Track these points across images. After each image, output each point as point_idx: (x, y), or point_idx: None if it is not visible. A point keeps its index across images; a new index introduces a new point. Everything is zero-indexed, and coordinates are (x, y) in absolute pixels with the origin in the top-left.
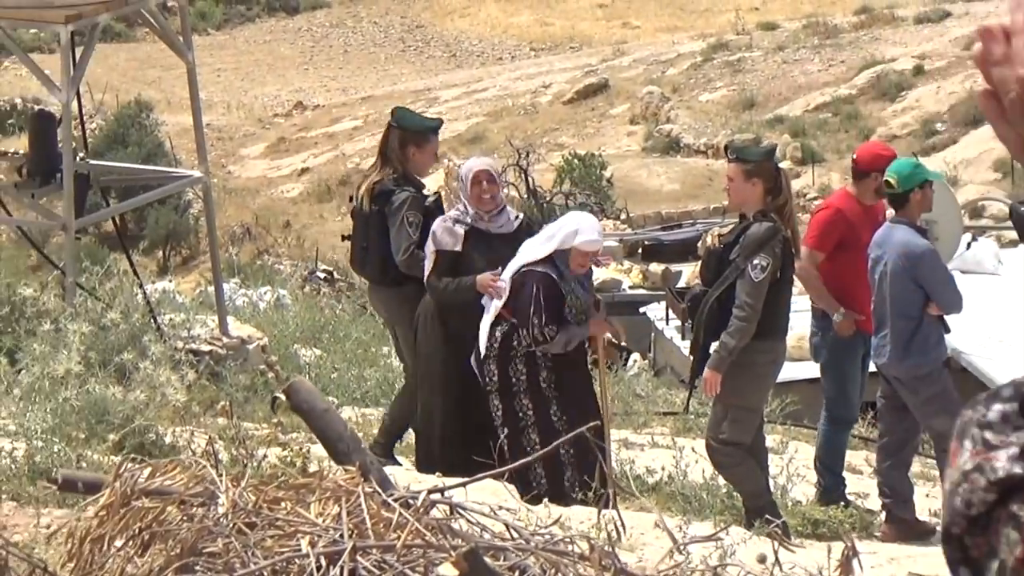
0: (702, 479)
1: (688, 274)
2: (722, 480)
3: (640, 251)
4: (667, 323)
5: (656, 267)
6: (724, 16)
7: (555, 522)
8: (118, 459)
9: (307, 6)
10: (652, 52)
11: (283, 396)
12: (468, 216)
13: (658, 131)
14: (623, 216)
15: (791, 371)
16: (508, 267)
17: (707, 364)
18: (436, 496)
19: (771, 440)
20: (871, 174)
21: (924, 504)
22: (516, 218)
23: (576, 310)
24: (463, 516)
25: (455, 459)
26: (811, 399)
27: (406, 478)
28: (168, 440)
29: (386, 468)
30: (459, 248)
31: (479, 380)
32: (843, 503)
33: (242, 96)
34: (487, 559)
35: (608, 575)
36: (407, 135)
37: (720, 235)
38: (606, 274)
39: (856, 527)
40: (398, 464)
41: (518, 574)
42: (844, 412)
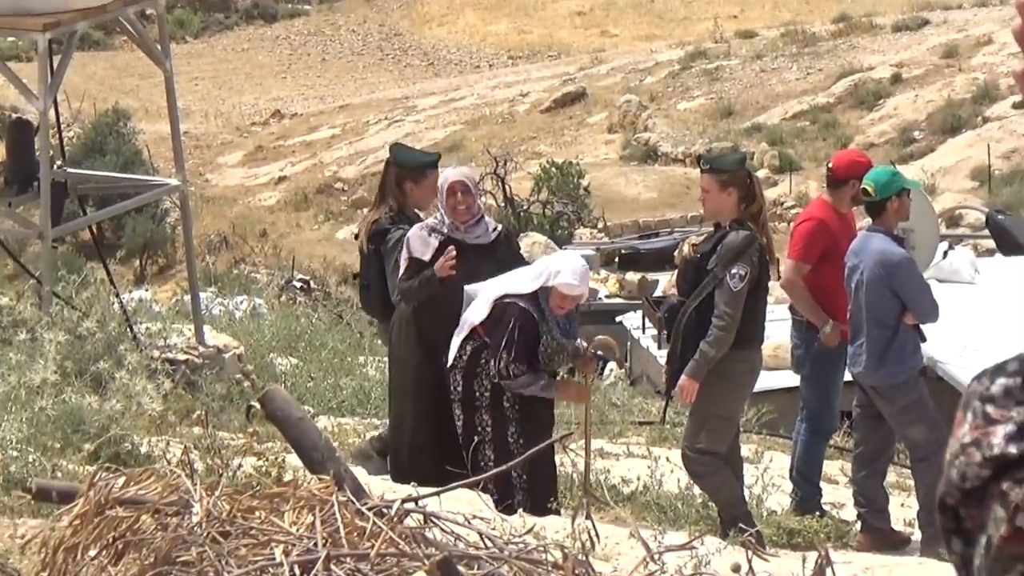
0: (677, 489)
1: (665, 283)
2: (697, 490)
3: (617, 260)
4: (643, 332)
5: (633, 276)
6: (702, 24)
7: (529, 531)
8: (94, 469)
9: (285, 14)
10: (630, 60)
11: (258, 405)
12: (444, 226)
13: (636, 139)
14: (600, 225)
15: (767, 380)
16: (491, 286)
17: (685, 372)
18: (410, 505)
19: (747, 450)
20: (848, 182)
21: (899, 514)
22: (494, 229)
23: (550, 350)
24: (437, 525)
25: (425, 469)
26: (787, 408)
27: (381, 487)
28: (144, 450)
29: (364, 476)
30: (427, 257)
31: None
32: (818, 513)
33: (220, 104)
34: (461, 568)
35: None
36: (403, 171)
37: (695, 244)
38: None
39: (831, 537)
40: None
41: None
42: (826, 423)
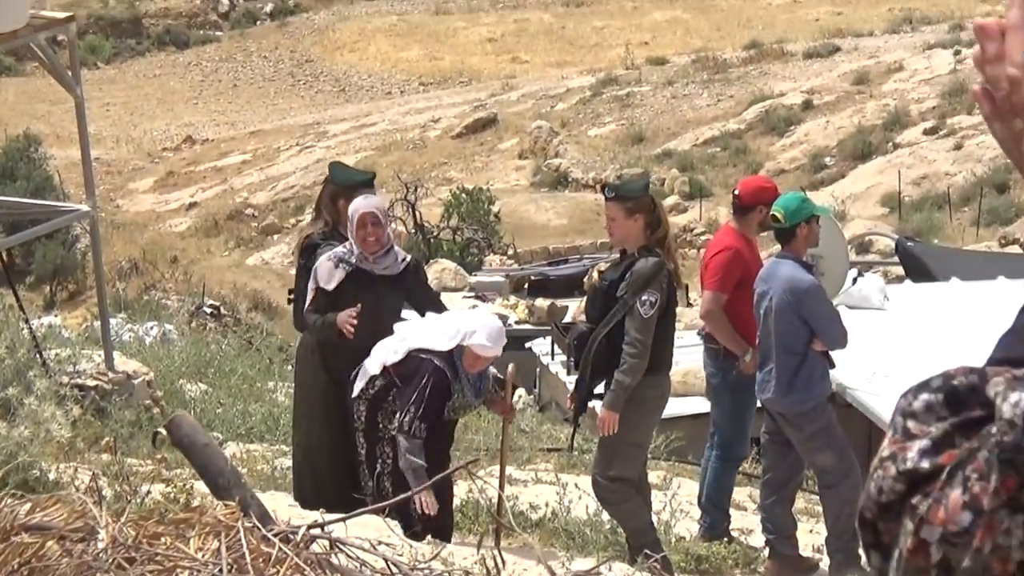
0: (586, 515)
1: (575, 309)
2: (606, 516)
3: (526, 286)
4: (553, 359)
5: (542, 302)
6: (613, 51)
7: (435, 556)
8: (0, 495)
9: (197, 40)
10: (541, 87)
11: (164, 431)
12: (353, 256)
13: (546, 166)
14: (510, 251)
15: (676, 407)
16: (409, 331)
17: (603, 404)
18: (316, 531)
19: (655, 476)
20: (755, 208)
21: (807, 540)
22: (403, 260)
23: (457, 406)
24: (343, 551)
25: (329, 496)
26: (696, 435)
27: (287, 513)
28: (52, 476)
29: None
30: (331, 288)
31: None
32: (726, 539)
33: (131, 130)
34: None
35: None
36: (338, 189)
37: (602, 271)
38: (492, 309)
39: (739, 563)
40: None
41: None
42: (738, 450)
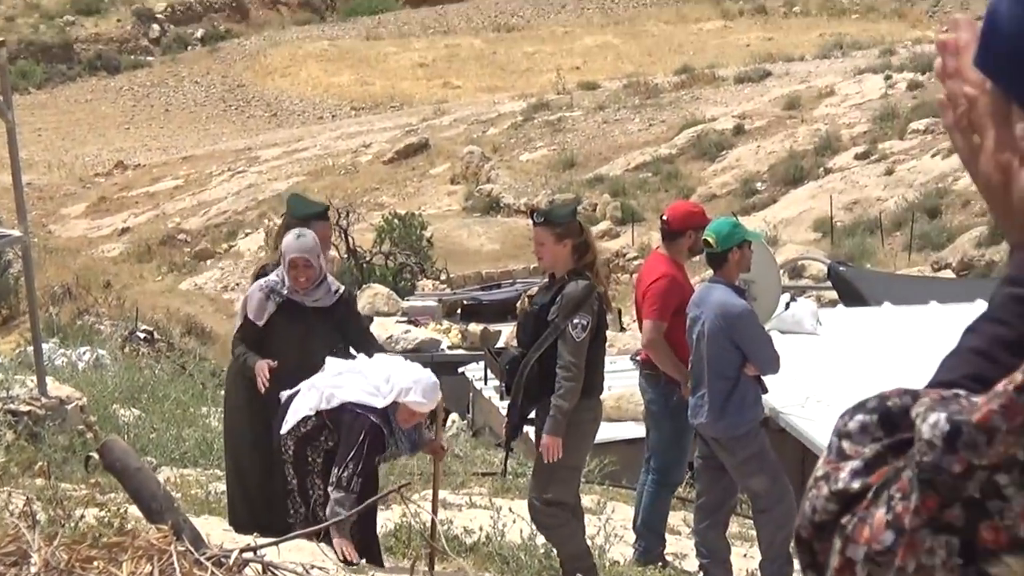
0: (520, 539)
1: (508, 334)
2: (541, 540)
3: (459, 311)
4: (486, 383)
5: (475, 327)
6: (545, 76)
7: None
8: None
9: (128, 65)
10: (473, 112)
11: (97, 456)
12: (284, 287)
13: (478, 191)
14: (443, 276)
15: (610, 431)
16: (344, 381)
17: (545, 430)
18: (249, 555)
19: (589, 500)
20: (684, 233)
21: (741, 564)
22: (335, 292)
23: (390, 455)
24: (275, 575)
25: (261, 519)
26: (630, 459)
27: (221, 537)
28: None
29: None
30: (261, 322)
31: None
32: (661, 564)
33: (63, 155)
34: None
35: None
36: (292, 221)
37: (531, 296)
38: (425, 334)
39: None
40: None
41: None
42: (674, 476)
